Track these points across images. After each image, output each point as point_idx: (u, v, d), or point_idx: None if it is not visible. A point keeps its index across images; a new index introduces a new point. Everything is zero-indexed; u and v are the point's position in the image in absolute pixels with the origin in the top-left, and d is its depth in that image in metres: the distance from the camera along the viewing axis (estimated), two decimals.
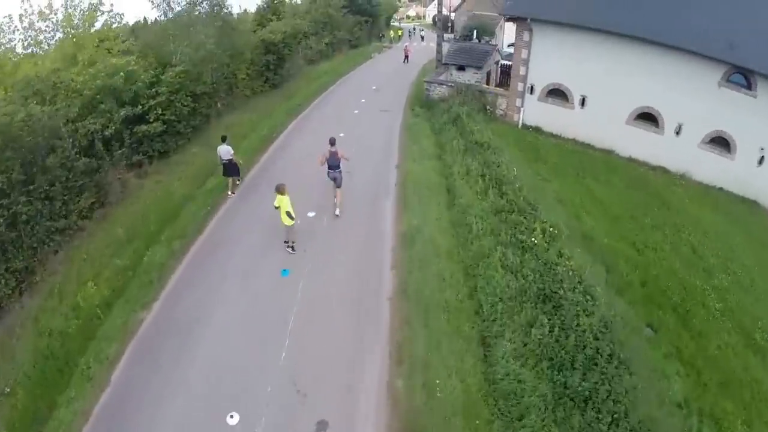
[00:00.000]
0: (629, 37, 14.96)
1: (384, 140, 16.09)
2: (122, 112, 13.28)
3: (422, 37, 45.53)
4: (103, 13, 17.14)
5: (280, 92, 23.73)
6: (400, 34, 46.14)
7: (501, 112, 18.92)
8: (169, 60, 16.08)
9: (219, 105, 19.59)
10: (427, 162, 13.98)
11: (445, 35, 53.92)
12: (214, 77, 18.47)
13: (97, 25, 17.40)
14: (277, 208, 9.27)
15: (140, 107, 14.16)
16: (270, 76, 23.15)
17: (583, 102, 17.17)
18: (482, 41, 42.17)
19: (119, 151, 13.29)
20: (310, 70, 28.33)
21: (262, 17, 27.22)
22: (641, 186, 14.50)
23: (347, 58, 33.28)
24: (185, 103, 15.84)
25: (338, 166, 10.78)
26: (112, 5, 19.40)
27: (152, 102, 14.54)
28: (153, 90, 14.70)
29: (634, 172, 15.64)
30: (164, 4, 16.72)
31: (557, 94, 17.65)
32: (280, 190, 9.18)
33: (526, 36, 17.20)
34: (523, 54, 17.52)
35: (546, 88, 17.71)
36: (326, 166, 10.80)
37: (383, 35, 44.35)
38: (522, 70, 17.81)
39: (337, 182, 10.93)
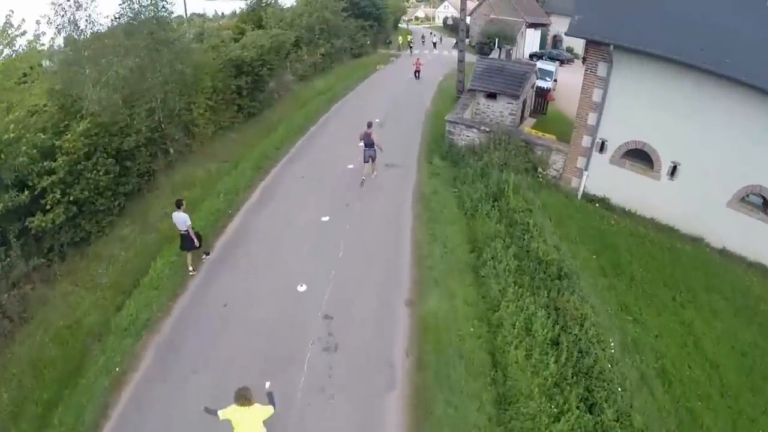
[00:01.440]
0: (757, 89, 9.61)
1: (387, 230, 10.62)
2: None
3: (435, 44, 39.90)
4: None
5: (258, 124, 18.39)
6: (409, 39, 40.46)
7: (555, 174, 13.50)
8: (80, 108, 10.80)
9: (171, 151, 14.30)
10: (458, 290, 8.60)
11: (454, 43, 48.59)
12: (157, 117, 13.16)
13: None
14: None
15: (29, 190, 9.32)
16: (244, 103, 17.80)
17: (673, 171, 11.81)
18: (502, 50, 36.61)
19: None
20: (300, 90, 22.93)
21: (242, 26, 21.80)
22: (751, 310, 9.52)
23: (347, 72, 27.81)
24: (105, 169, 10.68)
25: (373, 145, 12.17)
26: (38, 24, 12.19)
27: (47, 181, 9.44)
28: (47, 163, 9.58)
29: (736, 279, 10.50)
30: (69, 26, 11.08)
31: (638, 156, 12.29)
32: (242, 399, 4.89)
33: (601, 69, 11.76)
34: (595, 95, 12.08)
35: (624, 146, 12.32)
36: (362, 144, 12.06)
37: (390, 41, 38.68)
38: (591, 118, 12.38)
39: (372, 159, 12.40)
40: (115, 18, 13.08)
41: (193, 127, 15.37)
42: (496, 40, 35.07)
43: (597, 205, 12.88)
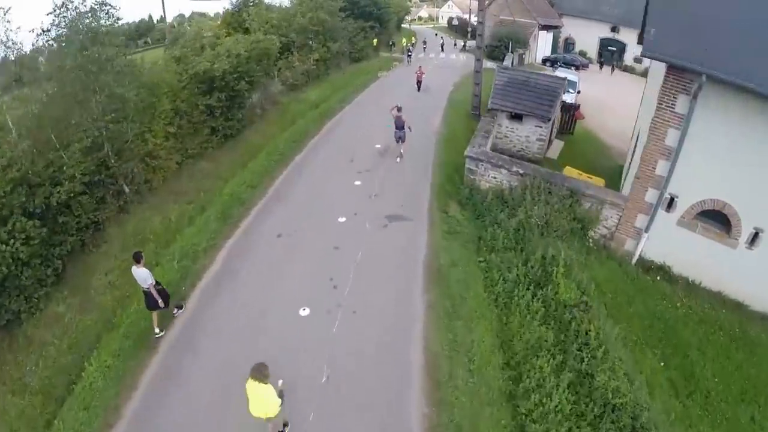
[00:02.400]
0: None
1: (390, 333, 7.56)
2: None
3: (442, 47, 36.69)
4: None
5: (236, 148, 15.39)
6: (413, 41, 37.18)
7: (605, 233, 10.52)
8: None
9: (127, 191, 11.35)
10: None
11: (467, 43, 44.75)
12: (105, 153, 10.19)
13: None
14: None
15: None
16: (218, 124, 14.76)
17: (753, 238, 8.90)
18: (514, 54, 33.45)
19: None
20: (289, 103, 19.86)
21: (221, 31, 18.64)
22: None
23: (345, 80, 24.68)
24: (25, 236, 7.93)
25: (403, 127, 13.10)
26: None
27: None
28: None
29: None
30: None
31: (713, 218, 9.36)
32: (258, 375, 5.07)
33: (681, 103, 8.76)
34: (670, 138, 9.08)
35: (698, 206, 9.36)
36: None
37: (393, 43, 35.33)
38: (660, 167, 9.39)
39: (401, 140, 13.31)
40: (43, 32, 9.98)
41: (152, 160, 12.35)
42: (510, 43, 31.91)
43: (657, 277, 9.95)
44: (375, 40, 34.09)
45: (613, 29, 43.61)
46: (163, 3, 23.89)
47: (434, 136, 16.05)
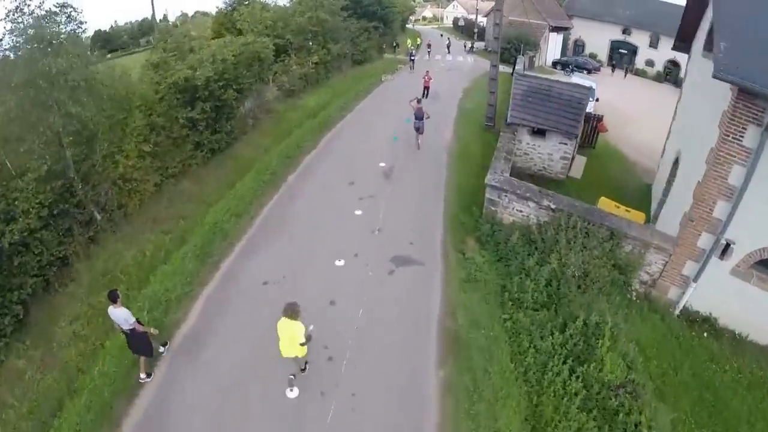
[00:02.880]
0: None
1: (401, 422, 6.11)
2: None
3: (449, 48, 35.00)
4: None
5: (224, 165, 13.94)
6: (419, 42, 35.50)
7: (646, 279, 9.03)
8: None
9: (98, 218, 9.92)
10: None
11: (475, 44, 42.77)
12: (69, 179, 8.72)
13: None
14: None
15: None
16: (203, 139, 13.26)
17: None
18: (525, 56, 31.87)
19: None
20: (285, 110, 18.35)
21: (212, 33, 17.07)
22: None
23: (346, 84, 23.12)
24: None
25: (422, 117, 13.98)
26: None
27: None
28: None
29: None
30: None
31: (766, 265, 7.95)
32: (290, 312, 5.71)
33: (751, 135, 7.27)
34: (734, 175, 7.59)
35: (756, 254, 7.94)
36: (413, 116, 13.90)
37: (397, 44, 33.59)
38: (719, 209, 7.90)
39: (420, 130, 14.19)
40: None
41: (125, 183, 10.87)
42: (522, 46, 30.30)
43: (704, 333, 8.53)
44: (409, 41, 32.70)
45: (625, 31, 42.02)
46: (152, 5, 22.26)
47: (445, 153, 14.49)
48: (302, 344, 5.70)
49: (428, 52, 32.36)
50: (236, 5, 19.67)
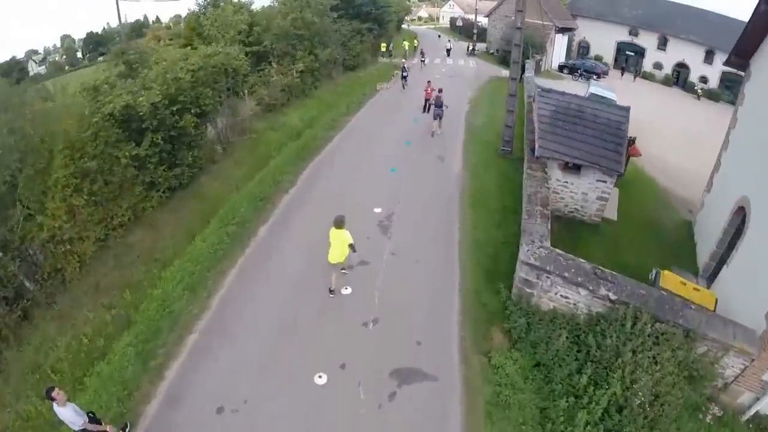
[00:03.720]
0: None
1: None
2: None
3: (448, 51, 32.23)
4: None
5: (186, 204, 11.25)
6: (416, 45, 32.66)
7: (717, 384, 6.51)
8: None
9: (31, 289, 7.40)
10: None
11: (477, 46, 39.72)
12: None
13: None
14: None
15: None
16: (159, 176, 10.54)
17: None
18: (534, 59, 29.14)
19: None
20: (264, 130, 15.60)
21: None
22: None
23: (336, 95, 20.39)
24: None
25: (441, 105, 14.65)
26: None
27: None
28: None
29: None
30: None
31: None
32: (338, 223, 7.27)
33: None
34: None
35: None
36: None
37: (391, 49, 30.34)
38: None
39: (440, 117, 14.89)
40: None
41: (57, 246, 8.18)
42: (530, 49, 27.72)
43: None
44: (383, 45, 29.43)
45: (632, 32, 39.73)
46: (117, 8, 19.21)
47: (456, 191, 11.77)
48: (351, 245, 7.24)
49: (422, 61, 27.80)
50: (207, 7, 16.62)
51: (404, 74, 21.24)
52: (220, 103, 12.41)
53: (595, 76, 32.08)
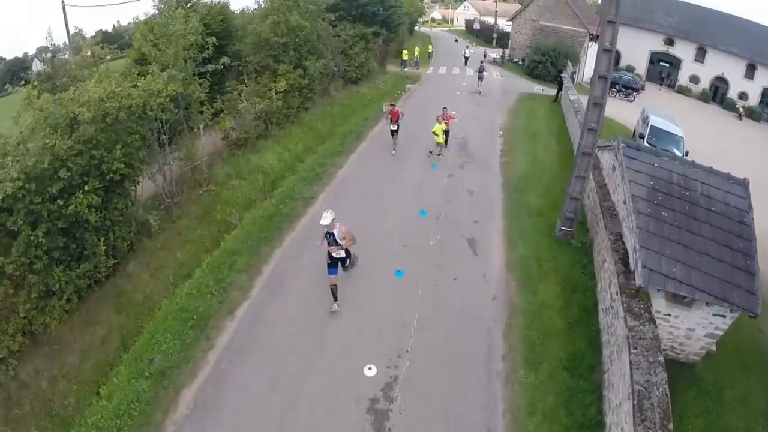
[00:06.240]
0: None
1: None
2: None
3: (466, 59, 27.58)
4: None
5: (96, 317, 7.29)
6: (430, 51, 28.17)
7: None
8: None
9: None
10: None
11: (504, 55, 34.39)
12: None
13: None
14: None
15: None
16: (56, 282, 6.46)
17: None
18: (565, 75, 24.13)
19: None
20: (224, 181, 11.46)
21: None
22: None
23: (331, 122, 16.02)
24: None
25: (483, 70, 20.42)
26: None
27: None
28: None
29: None
30: None
31: None
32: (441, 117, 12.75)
33: None
34: None
35: None
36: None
37: (417, 57, 25.61)
38: None
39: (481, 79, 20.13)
40: None
41: None
42: (568, 62, 23.33)
43: None
44: (405, 52, 25.06)
45: (668, 42, 35.36)
46: (65, 15, 14.89)
47: (496, 320, 7.32)
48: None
49: (416, 63, 23.46)
50: (157, 15, 11.84)
51: (393, 128, 13.40)
52: (160, 145, 8.25)
53: (633, 93, 27.84)
